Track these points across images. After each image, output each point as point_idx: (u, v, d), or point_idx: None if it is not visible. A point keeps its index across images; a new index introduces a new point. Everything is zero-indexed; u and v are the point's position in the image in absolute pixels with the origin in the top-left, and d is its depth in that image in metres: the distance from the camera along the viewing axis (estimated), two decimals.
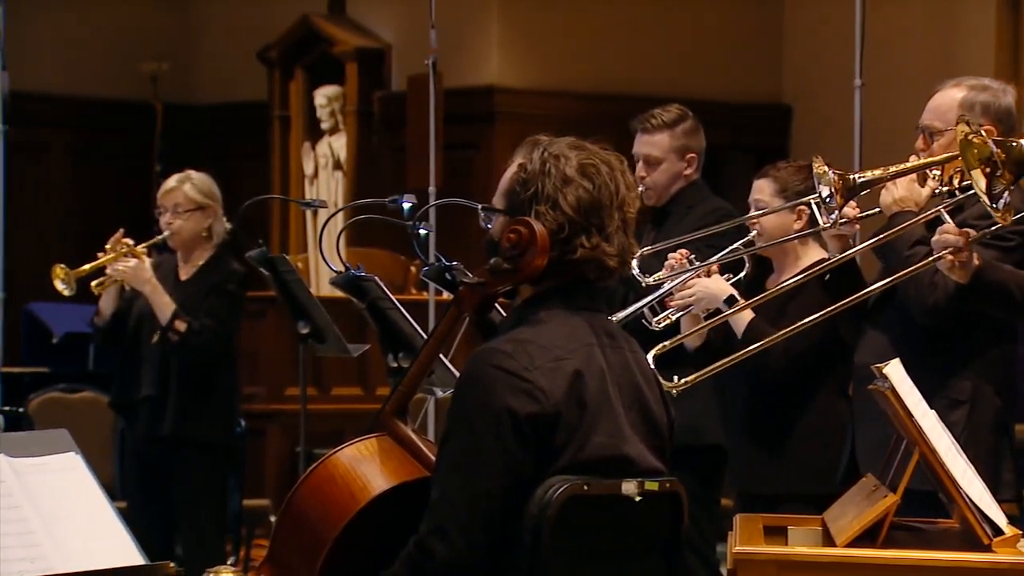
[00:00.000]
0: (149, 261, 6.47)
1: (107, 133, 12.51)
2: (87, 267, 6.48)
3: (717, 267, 4.99)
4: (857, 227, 4.72)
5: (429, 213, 6.53)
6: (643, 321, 5.00)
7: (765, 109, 11.96)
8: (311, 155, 11.93)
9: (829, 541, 3.63)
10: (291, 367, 9.08)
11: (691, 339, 4.91)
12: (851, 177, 4.33)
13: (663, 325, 4.98)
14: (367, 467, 3.35)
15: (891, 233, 4.39)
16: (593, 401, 3.25)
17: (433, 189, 7.33)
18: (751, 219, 5.03)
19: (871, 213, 4.59)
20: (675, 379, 4.04)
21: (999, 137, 4.02)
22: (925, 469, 3.57)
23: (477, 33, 11.37)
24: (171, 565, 3.28)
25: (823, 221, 4.54)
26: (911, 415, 3.55)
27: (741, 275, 5.08)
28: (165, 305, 6.35)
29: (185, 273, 6.52)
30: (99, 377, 8.50)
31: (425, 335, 4.52)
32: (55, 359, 9.69)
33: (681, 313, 4.99)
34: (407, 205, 5.29)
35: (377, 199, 5.69)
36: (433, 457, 3.31)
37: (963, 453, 3.70)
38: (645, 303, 5.01)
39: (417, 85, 9.98)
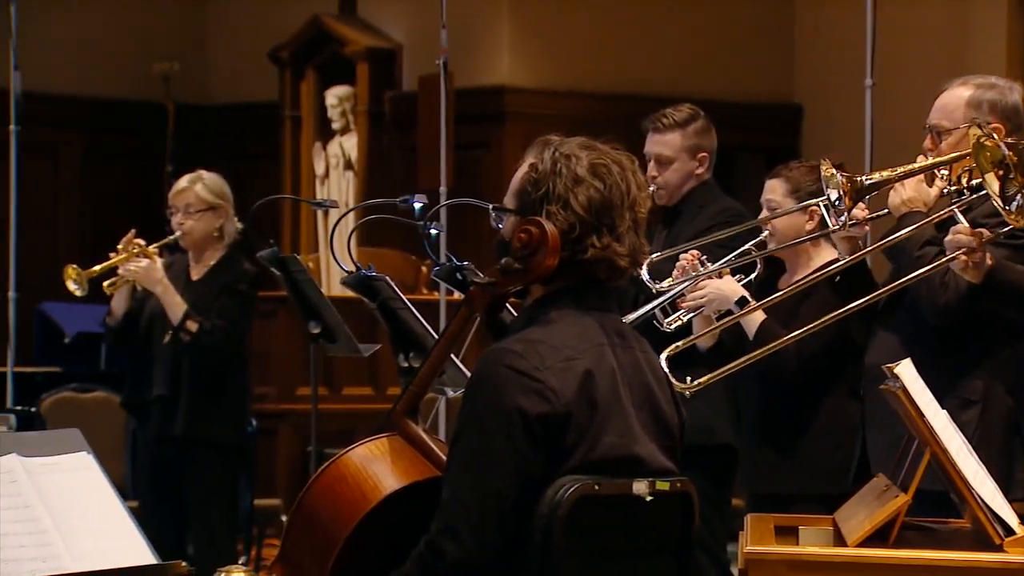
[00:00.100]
0: (161, 261, 6.48)
1: (119, 133, 12.52)
2: (99, 267, 6.49)
3: (728, 269, 4.98)
4: (866, 228, 4.71)
5: (440, 213, 6.53)
6: (654, 322, 5.00)
7: (776, 109, 11.94)
8: (322, 155, 11.93)
9: (840, 541, 3.62)
10: (302, 367, 9.08)
11: (703, 339, 4.91)
12: (859, 179, 4.32)
13: (674, 326, 4.98)
14: (378, 467, 3.36)
15: (901, 234, 4.39)
16: (604, 401, 3.25)
17: (444, 189, 7.34)
18: (762, 221, 5.03)
19: (880, 214, 4.58)
20: (688, 380, 4.04)
21: (1008, 135, 4.02)
22: (936, 469, 3.57)
23: (488, 33, 11.37)
24: (183, 564, 3.29)
25: (832, 223, 4.53)
26: (922, 415, 3.55)
27: (752, 276, 5.08)
28: (177, 305, 6.36)
29: (197, 273, 6.53)
30: (111, 377, 8.51)
31: (436, 335, 4.52)
32: (67, 359, 9.69)
33: (692, 314, 4.99)
34: (418, 205, 5.29)
35: (388, 199, 5.70)
36: (444, 457, 3.31)
37: (974, 453, 3.69)
38: (657, 304, 5.01)
39: (428, 85, 9.98)
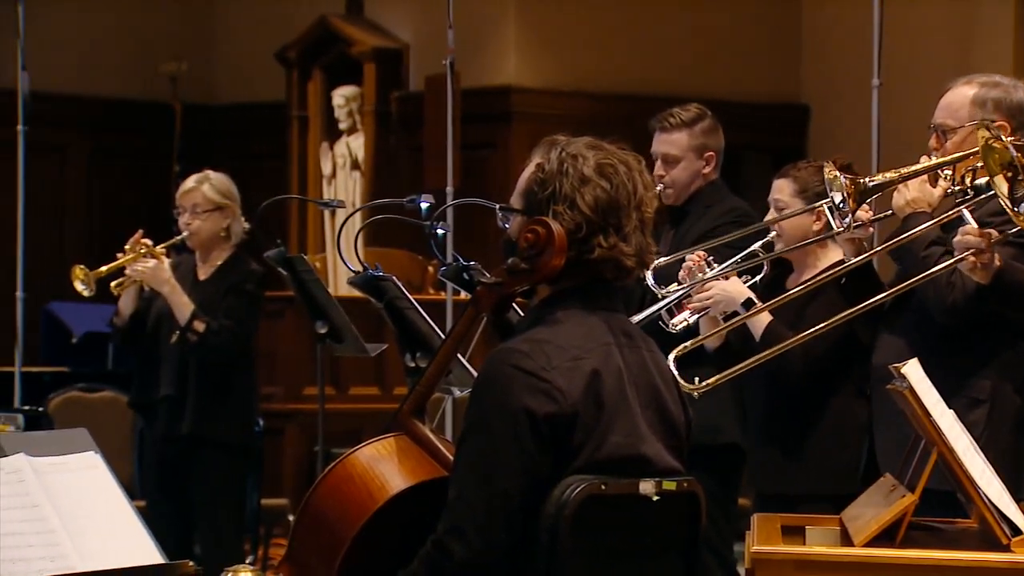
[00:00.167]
0: (168, 261, 6.49)
1: (126, 133, 12.52)
2: (106, 268, 6.50)
3: (734, 271, 4.98)
4: (871, 230, 4.70)
5: (447, 213, 6.52)
6: (660, 323, 5.00)
7: (783, 109, 11.93)
8: (329, 155, 11.94)
9: (847, 541, 3.62)
10: (309, 367, 9.10)
11: (710, 340, 4.91)
12: (862, 181, 4.31)
13: (680, 327, 4.98)
14: (385, 466, 3.36)
15: (907, 236, 4.38)
16: (610, 401, 3.25)
17: (451, 189, 7.33)
18: (770, 223, 5.02)
19: (885, 216, 4.58)
20: (696, 381, 4.04)
21: (1012, 133, 4.01)
22: (943, 469, 3.56)
23: (494, 33, 11.37)
24: (190, 564, 3.30)
25: (836, 225, 4.52)
26: (929, 415, 3.54)
27: (758, 278, 5.08)
28: (184, 305, 6.37)
29: (204, 273, 6.53)
30: (118, 377, 8.52)
31: (443, 335, 4.52)
32: (75, 359, 9.70)
33: (698, 315, 4.99)
34: (425, 205, 5.29)
35: (395, 199, 5.70)
36: (451, 457, 3.31)
37: (981, 452, 3.69)
38: (663, 305, 5.01)
39: (434, 85, 9.98)
